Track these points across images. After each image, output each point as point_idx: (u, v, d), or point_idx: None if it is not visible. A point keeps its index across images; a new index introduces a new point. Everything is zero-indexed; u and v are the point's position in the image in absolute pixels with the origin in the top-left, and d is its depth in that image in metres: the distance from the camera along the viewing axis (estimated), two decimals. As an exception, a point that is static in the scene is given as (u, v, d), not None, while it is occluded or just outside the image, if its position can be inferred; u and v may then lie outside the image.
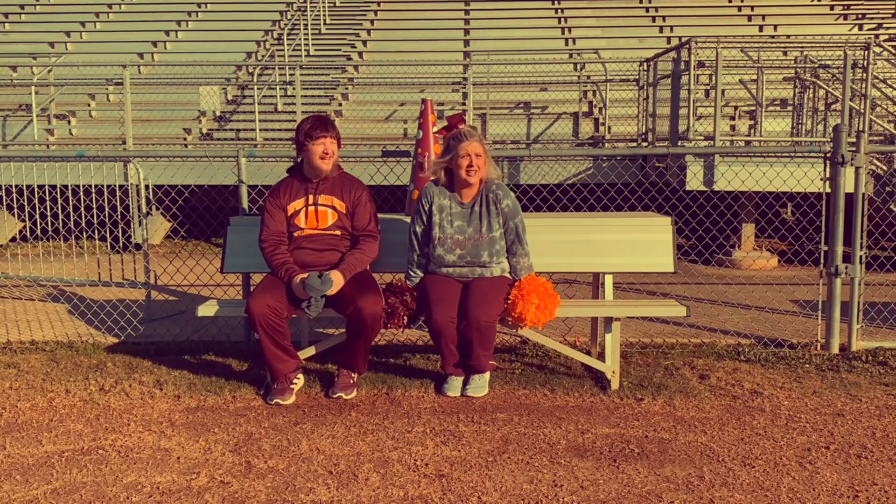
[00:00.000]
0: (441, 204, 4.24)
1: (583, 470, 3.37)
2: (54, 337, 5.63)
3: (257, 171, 9.60)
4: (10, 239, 10.81)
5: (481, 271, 4.30)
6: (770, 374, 4.68)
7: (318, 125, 4.30)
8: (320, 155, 4.30)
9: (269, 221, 4.40)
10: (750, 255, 8.76)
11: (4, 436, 3.80)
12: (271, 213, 4.40)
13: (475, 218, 4.25)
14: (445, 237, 4.26)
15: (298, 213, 4.38)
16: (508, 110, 12.12)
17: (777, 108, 11.38)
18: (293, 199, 4.40)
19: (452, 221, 4.24)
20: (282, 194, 4.42)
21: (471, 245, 4.25)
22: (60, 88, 12.35)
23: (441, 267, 4.32)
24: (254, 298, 4.16)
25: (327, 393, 4.30)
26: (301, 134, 4.31)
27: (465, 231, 4.25)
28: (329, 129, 4.31)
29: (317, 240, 4.37)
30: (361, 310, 4.13)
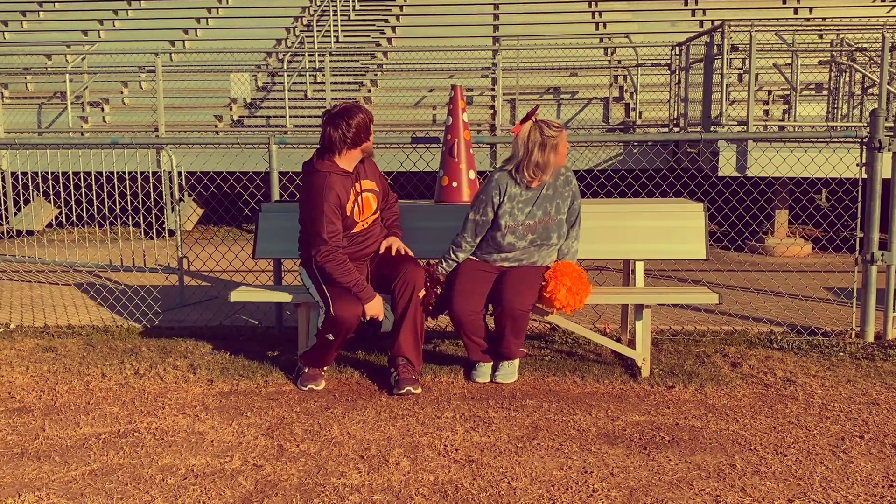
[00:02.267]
0: (512, 193, 4.18)
1: (613, 457, 3.37)
2: (90, 321, 5.74)
3: (288, 157, 9.65)
4: (46, 225, 11.00)
5: (537, 257, 4.28)
6: (803, 363, 4.63)
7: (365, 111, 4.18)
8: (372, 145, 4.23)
9: (331, 230, 4.09)
10: (783, 242, 8.65)
11: (44, 418, 3.89)
12: (334, 222, 4.10)
13: (544, 201, 4.20)
14: (517, 224, 4.18)
15: (353, 208, 4.20)
16: (538, 96, 12.05)
17: (812, 93, 11.20)
18: (347, 197, 4.16)
19: (523, 209, 4.18)
20: (338, 195, 4.11)
21: (541, 228, 4.20)
22: (94, 76, 12.51)
23: (502, 253, 4.26)
24: (342, 306, 4.03)
25: (391, 391, 4.17)
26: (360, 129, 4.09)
27: (535, 216, 4.19)
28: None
29: (368, 232, 4.30)
30: (405, 273, 4.15)
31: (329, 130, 4.11)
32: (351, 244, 4.24)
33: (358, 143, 4.14)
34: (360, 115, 4.13)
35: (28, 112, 12.20)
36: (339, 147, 4.12)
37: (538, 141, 4.08)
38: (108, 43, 14.23)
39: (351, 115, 4.10)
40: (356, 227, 4.24)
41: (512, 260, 4.27)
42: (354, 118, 4.09)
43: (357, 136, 4.11)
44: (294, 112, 11.74)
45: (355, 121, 4.09)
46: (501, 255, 4.27)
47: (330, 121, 4.12)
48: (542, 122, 4.10)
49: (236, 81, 11.82)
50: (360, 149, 4.17)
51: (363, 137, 4.14)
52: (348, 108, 4.14)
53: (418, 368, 4.24)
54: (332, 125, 4.09)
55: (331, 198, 4.07)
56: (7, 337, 5.36)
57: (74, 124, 11.84)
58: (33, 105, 12.39)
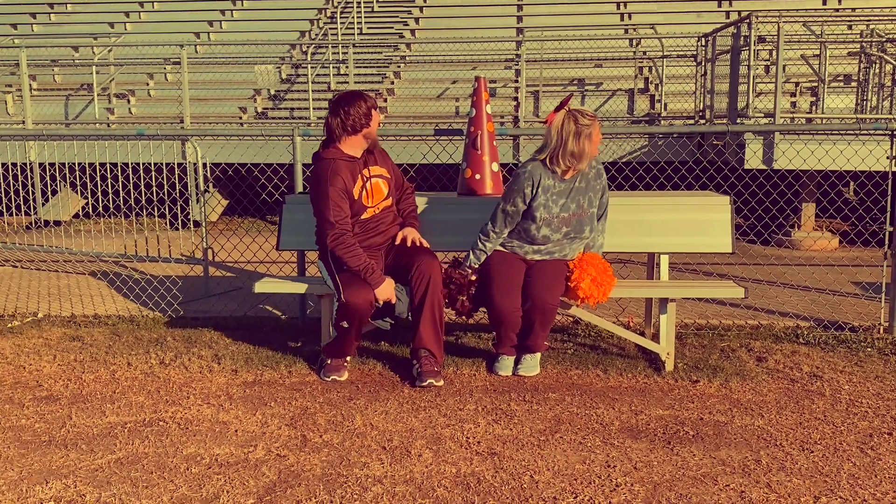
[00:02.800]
0: (546, 184, 4.14)
1: (636, 451, 3.35)
2: (116, 311, 5.80)
3: (312, 149, 9.66)
4: (74, 215, 11.13)
5: (568, 250, 4.25)
6: (830, 358, 4.57)
7: (370, 98, 4.21)
8: (376, 126, 4.24)
9: (338, 213, 4.10)
10: (810, 236, 8.54)
11: (70, 406, 3.94)
12: (340, 206, 4.11)
13: (577, 194, 4.17)
14: (552, 217, 4.14)
15: (360, 192, 4.23)
16: (562, 87, 11.98)
17: (840, 85, 11.03)
18: (354, 182, 4.20)
19: (557, 200, 4.14)
20: (344, 179, 4.15)
21: (575, 221, 4.18)
22: (120, 68, 12.62)
23: (535, 245, 4.23)
24: (352, 292, 4.05)
25: (414, 383, 4.17)
26: (358, 116, 4.13)
27: (569, 208, 4.16)
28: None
29: (380, 219, 4.31)
30: (420, 264, 4.16)
31: (329, 118, 4.20)
32: (363, 231, 4.26)
33: (357, 129, 4.18)
34: (359, 101, 4.18)
35: (55, 103, 12.34)
36: (339, 134, 4.19)
37: (572, 130, 4.03)
38: (133, 35, 14.34)
39: (348, 101, 4.16)
40: (366, 213, 4.26)
41: (544, 252, 4.25)
42: (352, 104, 4.15)
43: (356, 122, 4.15)
44: (318, 104, 11.76)
45: (353, 107, 4.14)
46: (534, 247, 4.25)
47: (330, 109, 4.21)
48: (575, 111, 4.06)
49: (261, 73, 11.87)
50: (362, 134, 4.20)
51: (363, 123, 4.17)
52: (346, 96, 4.21)
53: (440, 360, 4.24)
54: (332, 113, 4.18)
55: (336, 182, 4.12)
56: (35, 326, 5.44)
57: (101, 116, 11.96)
58: (61, 97, 12.52)
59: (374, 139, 4.27)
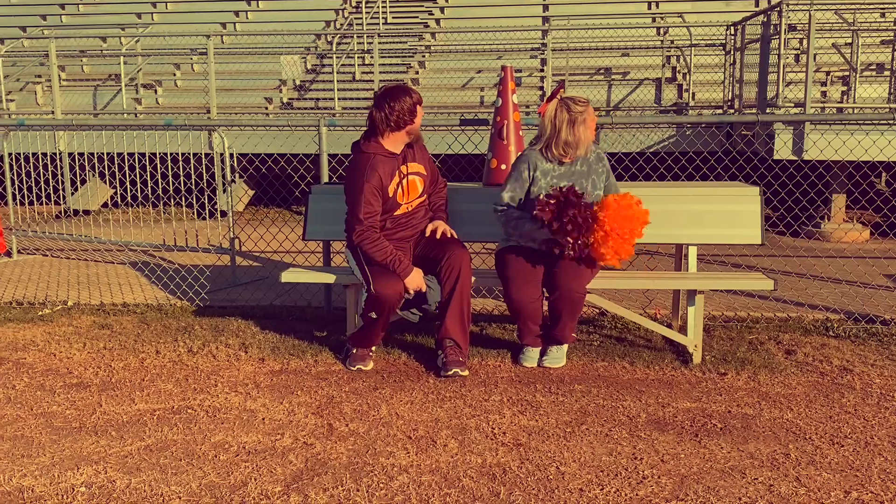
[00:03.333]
0: (545, 168, 4.15)
1: (663, 443, 3.33)
2: (144, 300, 5.86)
3: (337, 140, 9.70)
4: (102, 205, 11.25)
5: None
6: (861, 351, 4.51)
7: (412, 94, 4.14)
8: (419, 122, 4.19)
9: (368, 211, 4.09)
10: (841, 227, 8.42)
11: (100, 393, 3.99)
12: (371, 203, 4.10)
13: (579, 177, 4.16)
14: None
15: (396, 189, 4.18)
16: (588, 76, 11.89)
17: (873, 74, 10.84)
18: (391, 179, 4.15)
19: (559, 184, 4.15)
20: (381, 177, 4.10)
21: None
22: (147, 58, 12.71)
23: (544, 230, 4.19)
24: (382, 283, 4.06)
25: (438, 373, 4.17)
26: (403, 112, 4.07)
27: None
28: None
29: (412, 215, 4.29)
30: (452, 254, 4.15)
31: (372, 112, 4.12)
32: (394, 226, 4.23)
33: (401, 126, 4.12)
34: (404, 96, 4.10)
35: (84, 94, 12.47)
36: (382, 129, 4.12)
37: (566, 118, 4.07)
38: (160, 26, 14.43)
39: (394, 96, 4.09)
40: (399, 210, 4.23)
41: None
42: (397, 100, 4.08)
43: (400, 119, 4.09)
44: (342, 94, 11.78)
45: (398, 103, 4.07)
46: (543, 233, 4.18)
47: (374, 102, 4.14)
48: (567, 99, 4.10)
49: (286, 63, 11.90)
50: (405, 131, 4.15)
51: (407, 120, 4.11)
52: (392, 90, 4.13)
53: (465, 351, 4.24)
54: (376, 106, 4.11)
55: (372, 179, 4.08)
56: (65, 314, 5.51)
57: (128, 106, 12.06)
58: (89, 87, 12.65)
59: (417, 135, 4.22)
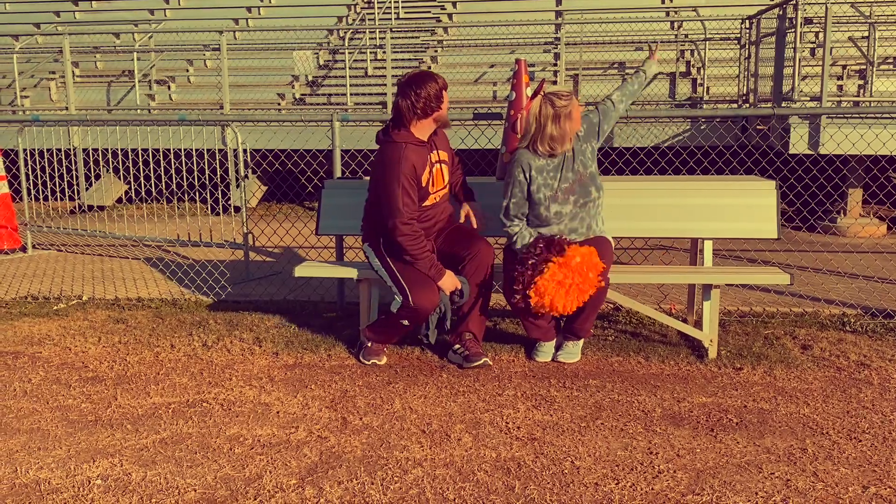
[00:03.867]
0: (538, 166, 4.14)
1: (679, 438, 3.31)
2: (159, 294, 5.88)
3: (350, 135, 9.72)
4: (116, 200, 11.30)
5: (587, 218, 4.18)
6: (878, 346, 4.47)
7: (437, 79, 4.07)
8: (447, 106, 4.14)
9: (407, 203, 3.99)
10: (857, 222, 8.35)
11: (116, 387, 4.00)
12: (410, 194, 4.00)
13: (569, 162, 4.14)
14: (555, 192, 4.11)
15: (428, 180, 4.11)
16: (602, 70, 11.84)
17: (890, 67, 10.73)
18: (423, 168, 4.06)
19: (555, 176, 4.12)
20: (416, 167, 4.02)
21: (578, 186, 4.13)
22: (160, 54, 12.75)
23: (552, 225, 4.15)
24: (421, 295, 4.02)
25: (461, 365, 4.18)
26: (429, 98, 4.01)
27: (568, 179, 4.13)
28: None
29: (437, 206, 4.24)
30: (479, 251, 4.14)
31: (398, 100, 4.04)
32: (420, 219, 4.14)
33: (428, 113, 4.04)
34: (430, 82, 4.02)
35: (98, 90, 12.52)
36: (409, 117, 4.03)
37: (550, 114, 4.03)
38: (173, 22, 14.46)
39: (419, 83, 4.01)
40: (428, 200, 4.17)
41: (567, 231, 4.17)
42: (423, 87, 4.00)
43: (427, 105, 4.01)
44: (355, 90, 11.77)
45: (424, 89, 4.00)
46: (551, 227, 4.17)
47: (399, 90, 4.06)
48: (551, 94, 4.05)
49: (299, 59, 11.91)
50: (433, 118, 4.07)
51: (434, 106, 4.04)
52: (416, 77, 4.06)
53: (480, 342, 4.26)
54: (402, 94, 4.03)
55: (406, 169, 3.98)
56: (80, 309, 5.53)
57: (142, 102, 12.10)
58: (103, 83, 12.70)
59: (444, 121, 4.15)
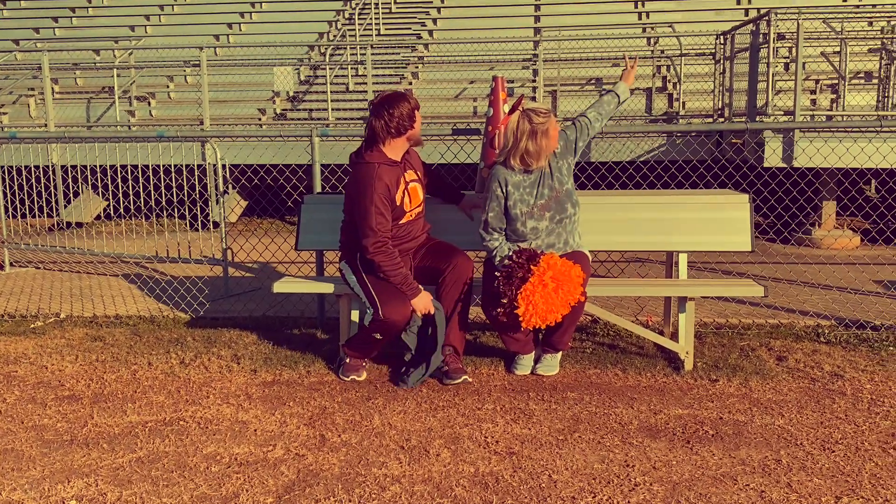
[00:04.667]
0: (515, 181, 4.17)
1: (655, 450, 3.34)
2: (137, 311, 5.85)
3: (330, 150, 9.73)
4: (95, 217, 11.24)
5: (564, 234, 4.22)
6: (851, 357, 4.53)
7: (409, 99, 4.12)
8: (420, 126, 4.19)
9: (380, 222, 4.04)
10: (831, 234, 8.46)
11: (92, 405, 3.98)
12: (383, 213, 4.04)
13: (546, 178, 4.18)
14: (531, 208, 4.15)
15: (402, 198, 4.15)
16: (580, 87, 11.95)
17: (861, 82, 10.93)
18: (397, 187, 4.12)
19: (531, 192, 4.16)
20: (389, 187, 4.07)
21: (554, 202, 4.17)
22: (141, 71, 12.73)
23: (528, 241, 4.19)
24: (392, 308, 4.04)
25: (441, 380, 4.19)
26: (402, 118, 4.06)
27: (544, 195, 4.17)
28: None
29: (414, 223, 4.27)
30: (458, 264, 4.17)
31: (372, 120, 4.08)
32: (397, 236, 4.18)
33: (402, 132, 4.09)
34: (402, 102, 4.07)
35: (77, 106, 12.47)
36: (383, 136, 4.08)
37: (527, 129, 4.06)
38: (154, 38, 14.46)
39: (392, 103, 4.06)
40: (404, 218, 4.20)
41: (544, 247, 4.21)
42: (396, 106, 4.05)
43: (400, 125, 4.06)
44: (336, 105, 11.81)
45: (397, 109, 4.05)
46: (528, 243, 4.20)
47: (372, 111, 4.10)
48: (529, 111, 4.08)
49: (279, 75, 11.92)
50: (406, 137, 4.13)
51: (407, 125, 4.09)
52: (389, 97, 4.10)
53: (461, 356, 4.29)
54: (375, 115, 4.07)
55: (380, 189, 4.03)
56: (57, 326, 5.50)
57: (122, 118, 12.07)
58: (82, 100, 12.66)
59: (417, 140, 4.21)
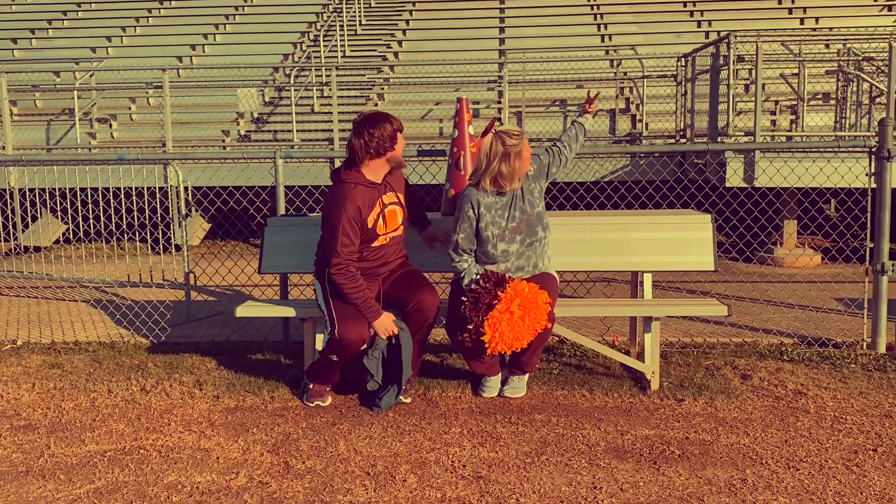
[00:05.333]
0: (487, 203, 4.17)
1: (622, 472, 3.33)
2: (97, 337, 5.73)
3: (294, 171, 9.68)
4: (54, 241, 11.03)
5: (534, 257, 4.22)
6: (814, 375, 4.58)
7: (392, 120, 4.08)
8: (401, 148, 4.14)
9: (346, 243, 3.98)
10: (792, 253, 8.59)
11: (49, 435, 3.87)
12: (350, 235, 3.99)
13: (518, 201, 4.18)
14: (503, 231, 4.13)
15: (376, 222, 4.10)
16: (544, 108, 12.05)
17: (819, 103, 11.17)
18: (370, 209, 4.06)
19: (503, 214, 4.16)
20: (361, 209, 4.01)
21: (525, 225, 4.16)
22: (102, 93, 12.58)
23: (498, 263, 4.18)
24: (348, 327, 3.99)
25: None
26: (383, 138, 4.02)
27: (515, 217, 4.17)
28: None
29: (388, 247, 4.21)
30: (422, 301, 4.09)
31: (352, 139, 4.05)
32: (368, 258, 4.13)
33: (381, 153, 4.04)
34: (384, 123, 4.04)
35: (36, 129, 12.28)
36: (362, 156, 4.03)
37: (500, 151, 4.07)
38: (115, 60, 14.31)
39: (373, 123, 4.02)
40: (377, 241, 4.14)
41: (513, 269, 4.21)
42: (377, 127, 4.01)
43: (380, 145, 4.02)
44: (301, 126, 11.76)
45: (378, 129, 4.00)
46: (498, 265, 4.20)
47: (354, 129, 4.07)
48: (502, 133, 4.11)
49: (243, 96, 11.87)
50: (386, 158, 4.08)
51: (387, 146, 4.04)
52: (371, 116, 4.07)
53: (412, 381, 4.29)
54: (356, 133, 4.04)
55: (350, 210, 3.98)
56: (14, 354, 5.36)
57: (82, 141, 11.90)
58: (42, 122, 12.46)
59: (398, 162, 4.16)
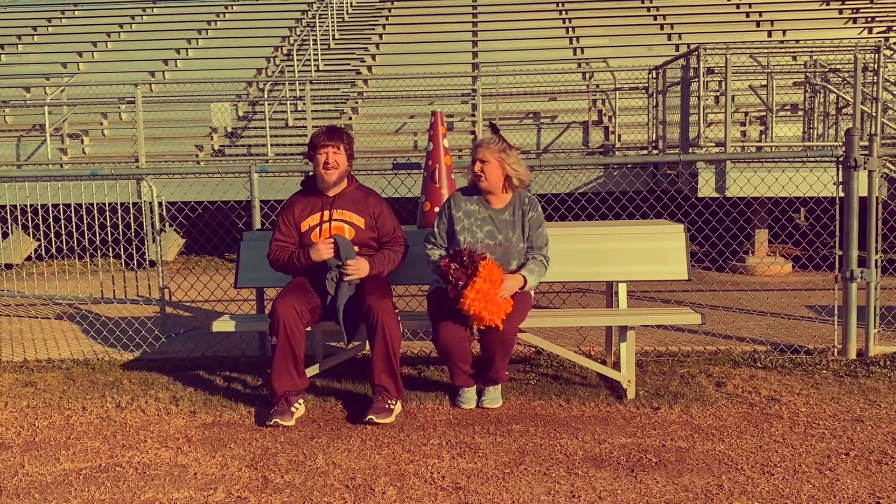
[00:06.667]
0: (469, 209, 4.20)
1: (600, 480, 3.35)
2: (70, 355, 5.67)
3: (269, 185, 9.66)
4: (26, 258, 10.90)
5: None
6: (787, 381, 4.65)
7: (324, 134, 4.23)
8: (322, 165, 4.21)
9: (278, 238, 4.30)
10: (764, 262, 8.71)
11: (23, 454, 3.82)
12: (282, 231, 4.30)
13: (506, 226, 4.21)
14: (476, 242, 4.15)
15: (313, 229, 4.24)
16: (518, 121, 12.14)
17: (788, 114, 11.36)
18: (307, 215, 4.27)
19: (482, 226, 4.18)
20: (295, 210, 4.30)
21: (501, 252, 4.17)
22: (73, 108, 12.48)
23: None
24: (280, 300, 4.05)
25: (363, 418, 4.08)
26: (310, 144, 4.30)
27: (495, 237, 4.19)
28: (334, 139, 4.21)
29: None
30: (371, 308, 4.03)
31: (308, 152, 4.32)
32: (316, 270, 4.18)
33: (310, 159, 4.32)
34: (315, 138, 4.26)
35: (7, 145, 12.14)
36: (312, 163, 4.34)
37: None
38: (87, 75, 14.22)
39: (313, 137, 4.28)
40: None
41: None
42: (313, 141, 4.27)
43: (309, 156, 4.29)
44: (275, 140, 11.75)
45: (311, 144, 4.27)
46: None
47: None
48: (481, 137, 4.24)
49: (217, 111, 11.83)
50: (315, 163, 4.28)
51: (310, 154, 4.29)
52: (319, 132, 4.29)
53: (395, 396, 4.14)
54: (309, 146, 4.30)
55: (285, 211, 4.33)
56: (-15, 372, 5.28)
57: (54, 156, 11.79)
58: (12, 138, 12.33)
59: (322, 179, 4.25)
